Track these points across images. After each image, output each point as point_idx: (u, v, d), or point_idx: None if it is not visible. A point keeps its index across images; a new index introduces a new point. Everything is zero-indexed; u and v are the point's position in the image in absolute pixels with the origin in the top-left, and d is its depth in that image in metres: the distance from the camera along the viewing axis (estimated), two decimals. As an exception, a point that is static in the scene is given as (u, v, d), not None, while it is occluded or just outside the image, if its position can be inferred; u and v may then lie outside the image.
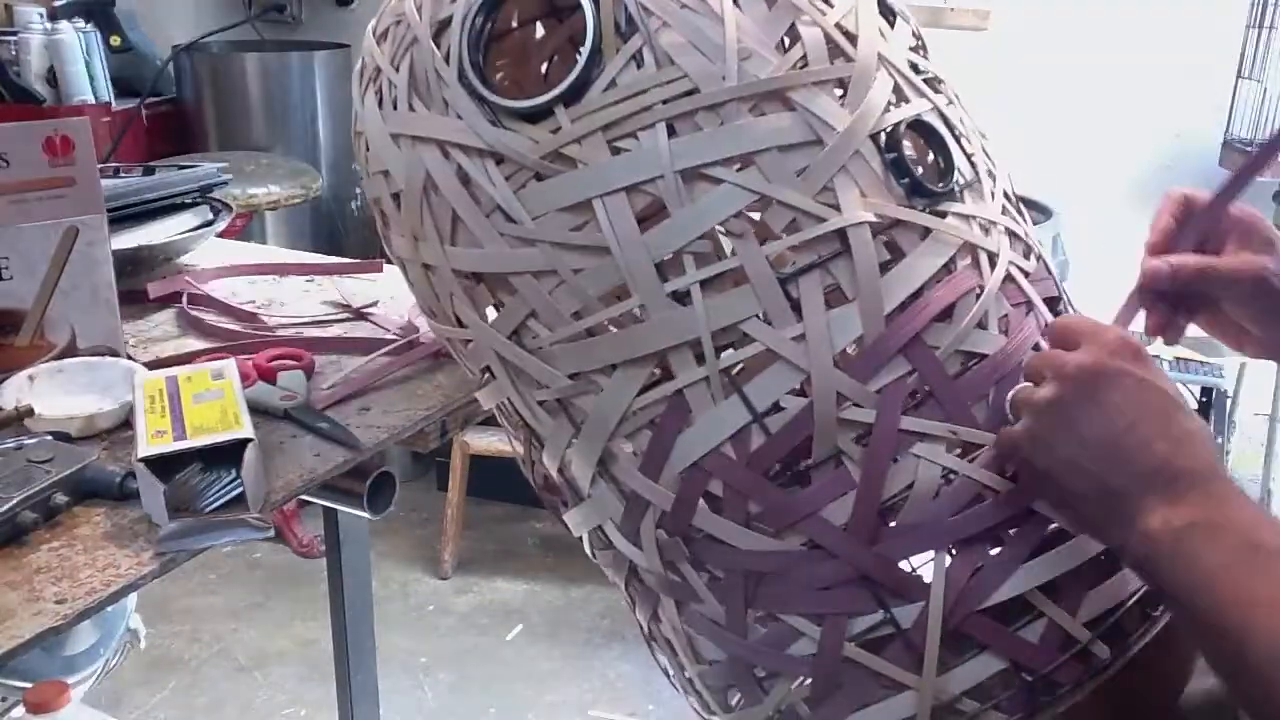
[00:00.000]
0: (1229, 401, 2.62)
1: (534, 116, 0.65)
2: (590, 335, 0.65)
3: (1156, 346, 2.50)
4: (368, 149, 0.73)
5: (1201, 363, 2.48)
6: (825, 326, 0.62)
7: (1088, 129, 2.73)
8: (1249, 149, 2.45)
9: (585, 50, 0.65)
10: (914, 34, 0.73)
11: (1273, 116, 2.44)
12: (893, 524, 0.62)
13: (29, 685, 0.99)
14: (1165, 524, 0.56)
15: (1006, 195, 0.72)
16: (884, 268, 0.63)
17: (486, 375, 0.71)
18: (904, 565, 0.63)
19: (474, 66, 0.67)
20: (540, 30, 0.90)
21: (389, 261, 1.33)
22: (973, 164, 0.70)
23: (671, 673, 0.75)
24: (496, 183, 0.65)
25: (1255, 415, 2.83)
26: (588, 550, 0.76)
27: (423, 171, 0.68)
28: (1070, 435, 0.58)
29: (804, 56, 0.65)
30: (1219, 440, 2.54)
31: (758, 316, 0.63)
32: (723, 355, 0.64)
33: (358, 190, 3.00)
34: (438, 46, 0.69)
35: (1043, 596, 0.63)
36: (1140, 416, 0.58)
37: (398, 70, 0.71)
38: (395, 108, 0.70)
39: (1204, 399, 2.69)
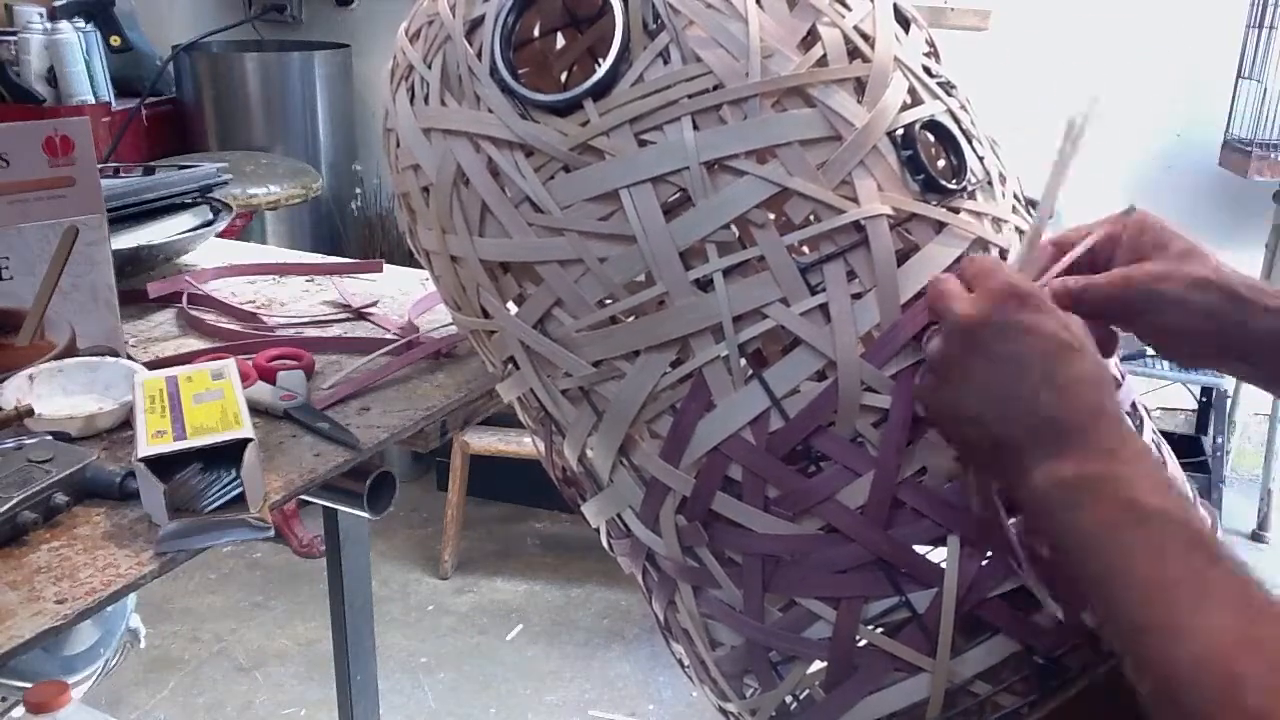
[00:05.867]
0: (1229, 401, 2.62)
1: (563, 110, 0.67)
2: (614, 323, 0.67)
3: (1156, 346, 2.50)
4: (398, 144, 0.75)
5: (1201, 363, 2.47)
6: (850, 313, 0.63)
7: (1088, 129, 2.73)
8: (1249, 149, 2.45)
9: (614, 47, 0.67)
10: (927, 41, 0.75)
11: (1273, 116, 2.44)
12: (907, 508, 0.63)
13: (29, 685, 0.99)
14: (1048, 478, 0.55)
15: (1016, 196, 0.74)
16: (899, 259, 0.65)
17: (509, 366, 0.73)
18: (918, 549, 0.64)
19: (505, 63, 0.69)
20: (560, 41, 0.92)
21: (389, 261, 1.34)
22: (984, 165, 0.72)
23: (686, 662, 0.76)
24: (526, 174, 0.67)
25: (1255, 415, 2.83)
26: (604, 541, 0.77)
27: (454, 164, 0.70)
28: (958, 388, 0.59)
29: (824, 56, 0.67)
30: (1218, 440, 2.53)
31: (781, 303, 0.64)
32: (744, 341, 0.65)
33: (358, 190, 3.00)
34: (470, 44, 0.70)
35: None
36: (1024, 367, 0.57)
37: (430, 67, 0.72)
38: (427, 103, 0.72)
39: (1204, 399, 2.69)
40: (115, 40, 2.99)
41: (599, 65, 0.67)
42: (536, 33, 0.91)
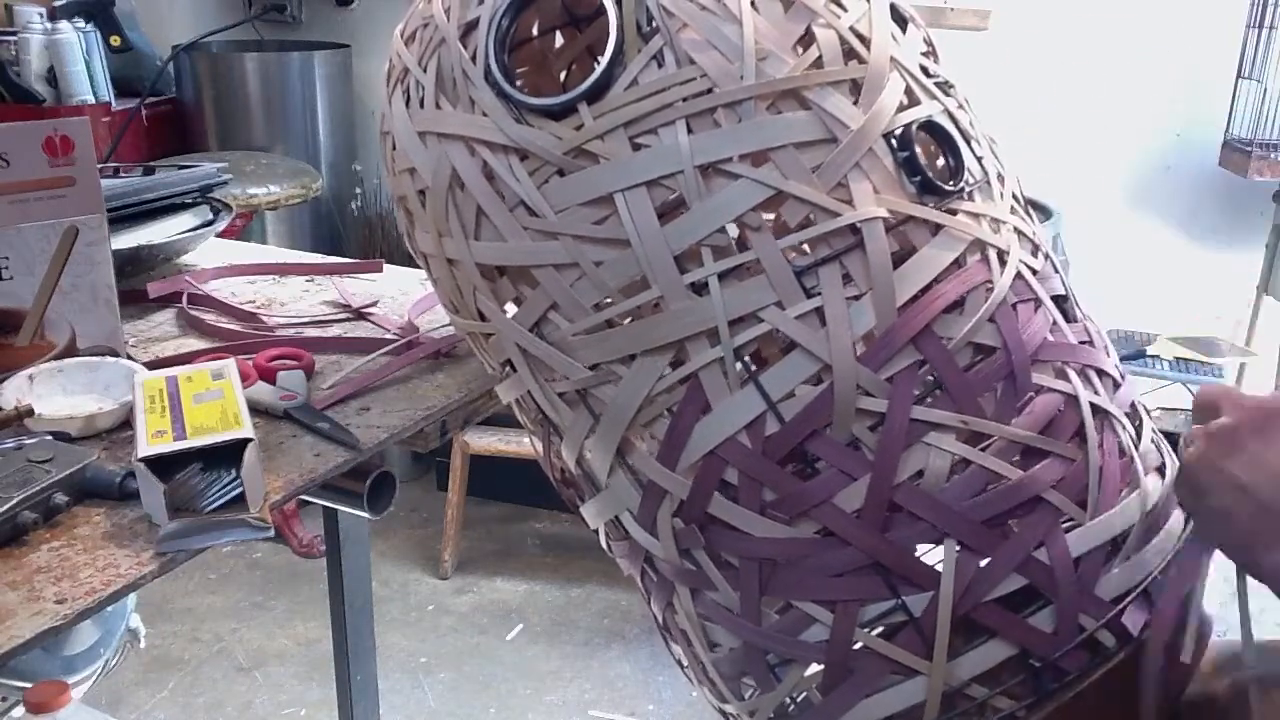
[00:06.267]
0: (1229, 401, 2.61)
1: (558, 114, 0.67)
2: (610, 326, 0.67)
3: (1157, 346, 2.50)
4: (394, 147, 0.75)
5: (1201, 363, 2.48)
6: (845, 316, 0.63)
7: (1088, 129, 2.73)
8: (1249, 149, 2.45)
9: (608, 50, 0.66)
10: (925, 40, 0.74)
11: (1273, 116, 2.44)
12: (904, 511, 0.63)
13: (29, 685, 0.99)
14: None
15: (1015, 197, 0.74)
16: (896, 262, 0.65)
17: (507, 369, 0.73)
18: (915, 553, 0.64)
19: (500, 66, 0.69)
20: (559, 40, 0.92)
21: (389, 261, 1.34)
22: (982, 166, 0.71)
23: (685, 663, 0.76)
24: (520, 178, 0.67)
25: (1255, 415, 2.83)
26: (603, 543, 0.77)
27: (449, 168, 0.70)
28: (1239, 459, 0.61)
29: (819, 58, 0.67)
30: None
31: (776, 306, 0.64)
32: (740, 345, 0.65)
33: (358, 190, 3.00)
34: (464, 47, 0.70)
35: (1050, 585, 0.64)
36: None
37: (425, 71, 0.73)
38: (422, 106, 0.72)
39: (1204, 399, 2.69)
40: (115, 40, 2.98)
41: (597, 64, 0.67)
42: (535, 31, 0.91)
